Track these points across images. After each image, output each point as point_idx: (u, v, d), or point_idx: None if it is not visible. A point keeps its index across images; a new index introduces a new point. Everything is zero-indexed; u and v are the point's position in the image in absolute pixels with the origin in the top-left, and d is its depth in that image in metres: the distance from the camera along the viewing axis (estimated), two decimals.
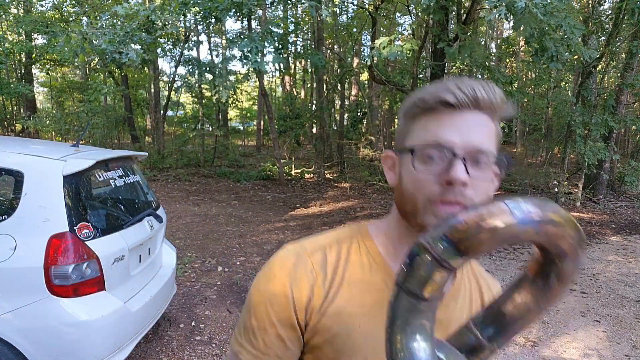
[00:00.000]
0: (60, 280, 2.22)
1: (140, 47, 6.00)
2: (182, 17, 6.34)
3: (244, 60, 5.87)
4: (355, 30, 14.81)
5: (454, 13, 9.30)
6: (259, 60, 5.75)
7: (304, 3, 5.58)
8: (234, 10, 5.66)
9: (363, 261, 0.75)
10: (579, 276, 5.08)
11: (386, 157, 0.77)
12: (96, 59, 5.60)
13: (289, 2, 5.33)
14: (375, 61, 8.82)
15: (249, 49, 5.55)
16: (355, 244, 0.77)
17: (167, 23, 6.05)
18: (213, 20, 5.92)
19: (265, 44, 5.99)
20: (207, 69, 8.94)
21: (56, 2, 13.42)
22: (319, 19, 5.76)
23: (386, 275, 0.74)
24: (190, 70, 10.97)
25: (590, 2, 10.16)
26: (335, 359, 0.71)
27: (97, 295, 2.34)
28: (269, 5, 7.63)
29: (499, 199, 0.49)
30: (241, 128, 24.79)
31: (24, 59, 15.51)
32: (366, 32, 14.83)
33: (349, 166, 13.16)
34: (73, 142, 2.96)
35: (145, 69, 13.31)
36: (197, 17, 6.08)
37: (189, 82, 13.61)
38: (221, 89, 7.11)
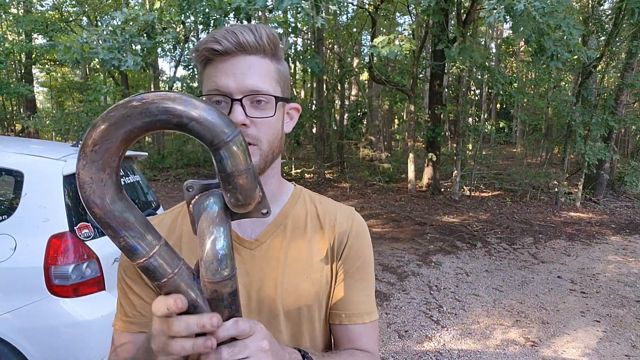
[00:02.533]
0: (60, 280, 2.22)
1: (140, 47, 6.00)
2: (182, 24, 6.35)
3: None
4: (355, 30, 14.81)
5: (453, 13, 9.30)
6: None
7: (299, 11, 5.57)
8: (232, 13, 5.66)
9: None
10: (579, 276, 5.09)
11: None
12: (96, 59, 5.61)
13: (291, 4, 5.30)
14: (374, 60, 8.82)
15: None
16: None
17: (166, 27, 6.06)
18: (212, 23, 5.92)
19: None
20: None
21: (56, 2, 13.42)
22: (314, 26, 5.73)
23: None
24: (191, 75, 10.99)
25: (590, 2, 10.16)
26: None
27: (97, 295, 2.34)
28: (269, 13, 7.63)
29: None
30: None
31: (24, 59, 15.51)
32: (366, 32, 14.84)
33: (348, 166, 13.16)
34: (73, 142, 2.96)
35: (145, 70, 13.30)
36: (197, 21, 6.06)
37: (191, 86, 13.64)
38: None
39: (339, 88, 16.16)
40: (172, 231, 0.83)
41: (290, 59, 16.07)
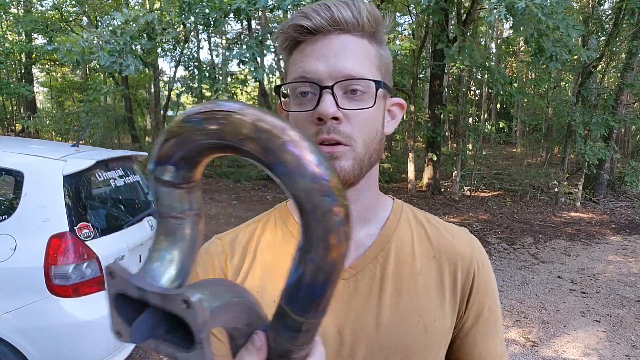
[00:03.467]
0: (60, 280, 2.22)
1: (140, 48, 6.01)
2: (182, 25, 6.36)
3: (242, 66, 5.88)
4: None
5: (453, 13, 9.30)
6: (257, 67, 5.72)
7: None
8: (232, 14, 5.66)
9: (277, 234, 0.69)
10: (579, 276, 5.09)
11: (279, 106, 0.68)
12: (97, 61, 5.64)
13: (293, 3, 5.30)
14: None
15: (247, 56, 5.53)
16: (272, 221, 0.71)
17: (166, 28, 6.06)
18: (212, 23, 5.92)
19: (264, 49, 5.96)
20: (207, 74, 8.98)
21: (56, 2, 13.42)
22: None
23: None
24: (191, 75, 11.01)
25: (590, 2, 10.16)
26: None
27: (97, 295, 2.34)
28: (270, 12, 7.64)
29: None
30: None
31: (23, 59, 15.51)
32: None
33: None
34: (73, 142, 2.96)
35: (146, 69, 13.31)
36: (197, 21, 6.06)
37: (190, 86, 13.67)
38: (220, 94, 7.11)
39: None
40: (246, 252, 0.69)
41: None
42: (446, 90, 12.46)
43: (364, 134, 0.60)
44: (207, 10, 5.57)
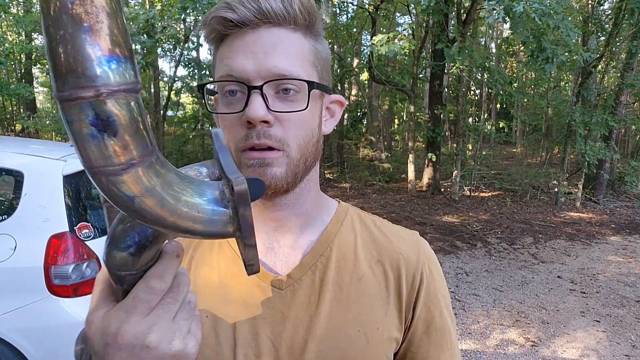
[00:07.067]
0: (60, 280, 2.22)
1: (140, 47, 6.02)
2: (182, 22, 6.38)
3: None
4: (355, 30, 14.81)
5: (453, 13, 9.30)
6: None
7: None
8: None
9: (218, 252, 0.64)
10: (579, 276, 5.09)
11: (215, 101, 0.63)
12: None
13: None
14: (374, 59, 8.82)
15: None
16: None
17: (167, 26, 6.08)
18: None
19: None
20: (207, 72, 8.99)
21: None
22: None
23: (232, 252, 0.63)
24: (191, 73, 10.99)
25: (590, 2, 10.16)
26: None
27: None
28: None
29: None
30: None
31: (23, 60, 15.53)
32: (366, 32, 14.84)
33: (349, 166, 13.17)
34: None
35: (146, 70, 13.31)
36: (197, 20, 6.08)
37: (190, 85, 13.68)
38: None
39: (339, 88, 16.17)
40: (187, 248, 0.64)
41: None
42: (446, 90, 12.46)
43: (298, 137, 0.56)
44: (207, 10, 5.59)
